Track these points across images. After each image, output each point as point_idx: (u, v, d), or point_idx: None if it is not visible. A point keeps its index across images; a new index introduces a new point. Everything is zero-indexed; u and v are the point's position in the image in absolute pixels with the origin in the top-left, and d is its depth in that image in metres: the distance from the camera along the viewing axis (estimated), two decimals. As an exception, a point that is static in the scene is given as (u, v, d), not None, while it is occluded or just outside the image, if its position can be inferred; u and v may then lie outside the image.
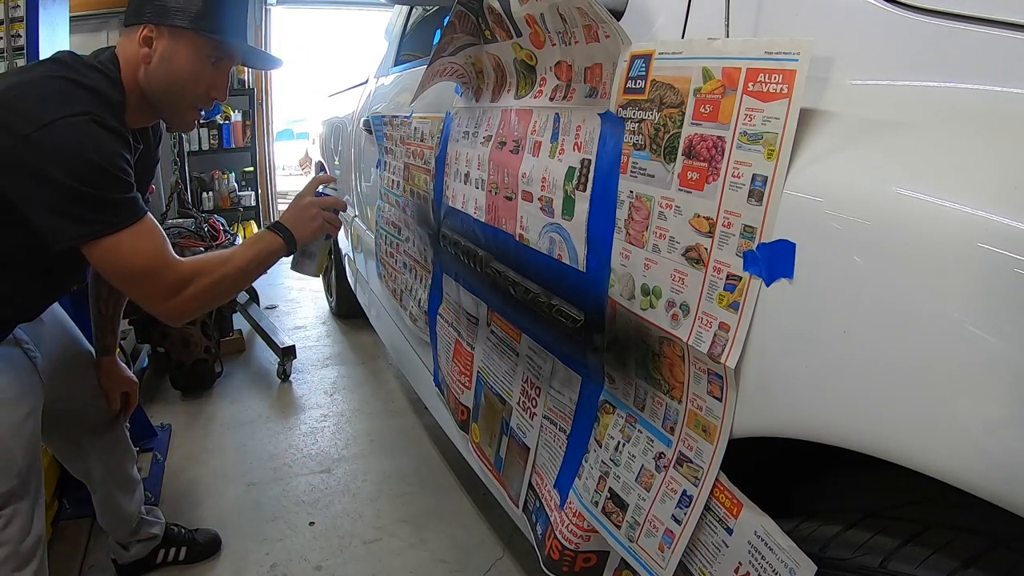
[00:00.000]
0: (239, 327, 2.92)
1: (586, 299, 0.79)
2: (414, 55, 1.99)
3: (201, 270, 1.02)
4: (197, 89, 1.06)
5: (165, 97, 1.05)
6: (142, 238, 0.96)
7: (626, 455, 0.76)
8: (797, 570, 0.56)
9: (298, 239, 1.15)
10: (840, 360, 0.49)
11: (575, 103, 0.82)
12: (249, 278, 1.12)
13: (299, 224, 1.15)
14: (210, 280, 1.03)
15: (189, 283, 1.00)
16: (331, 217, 1.19)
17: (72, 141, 0.88)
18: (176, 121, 1.11)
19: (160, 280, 0.98)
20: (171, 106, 1.07)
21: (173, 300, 1.00)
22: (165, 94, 1.05)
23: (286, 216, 1.17)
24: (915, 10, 0.53)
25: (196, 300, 1.02)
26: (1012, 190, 0.41)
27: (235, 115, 4.24)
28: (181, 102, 1.07)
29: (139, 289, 0.99)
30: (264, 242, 1.12)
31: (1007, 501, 0.40)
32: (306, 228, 1.16)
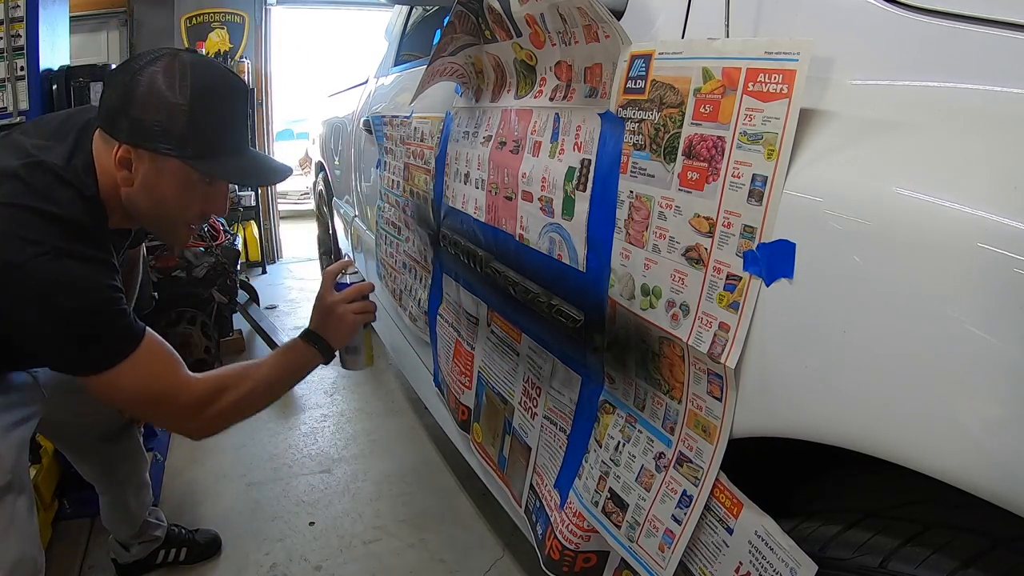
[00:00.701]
0: (239, 327, 2.92)
1: (586, 299, 0.79)
2: (414, 55, 1.99)
3: (224, 386, 0.95)
4: (188, 212, 0.96)
5: (152, 221, 0.97)
6: (145, 366, 0.88)
7: (626, 455, 0.76)
8: (798, 570, 0.56)
9: (335, 343, 1.07)
10: (840, 360, 0.49)
11: (575, 103, 0.82)
12: (280, 391, 1.04)
13: (329, 329, 1.07)
14: (235, 397, 0.96)
15: (211, 402, 0.94)
16: (361, 307, 1.09)
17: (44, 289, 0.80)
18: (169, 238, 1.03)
19: (175, 404, 0.91)
20: (160, 227, 0.99)
21: (195, 421, 0.94)
22: (152, 218, 0.96)
23: (314, 322, 1.08)
24: (915, 10, 0.53)
25: (221, 419, 0.96)
26: (1012, 190, 0.41)
27: (235, 115, 4.23)
28: (171, 224, 0.98)
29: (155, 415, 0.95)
30: (296, 353, 1.04)
31: (1007, 501, 0.40)
32: (338, 331, 1.07)
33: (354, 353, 1.15)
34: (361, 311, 1.09)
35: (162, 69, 0.87)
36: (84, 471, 1.34)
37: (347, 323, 1.07)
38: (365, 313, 1.10)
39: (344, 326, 1.07)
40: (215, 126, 0.91)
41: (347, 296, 1.09)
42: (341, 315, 1.07)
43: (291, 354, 1.05)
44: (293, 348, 1.06)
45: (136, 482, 1.38)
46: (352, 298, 1.09)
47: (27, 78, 2.23)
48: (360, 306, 1.09)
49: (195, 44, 4.17)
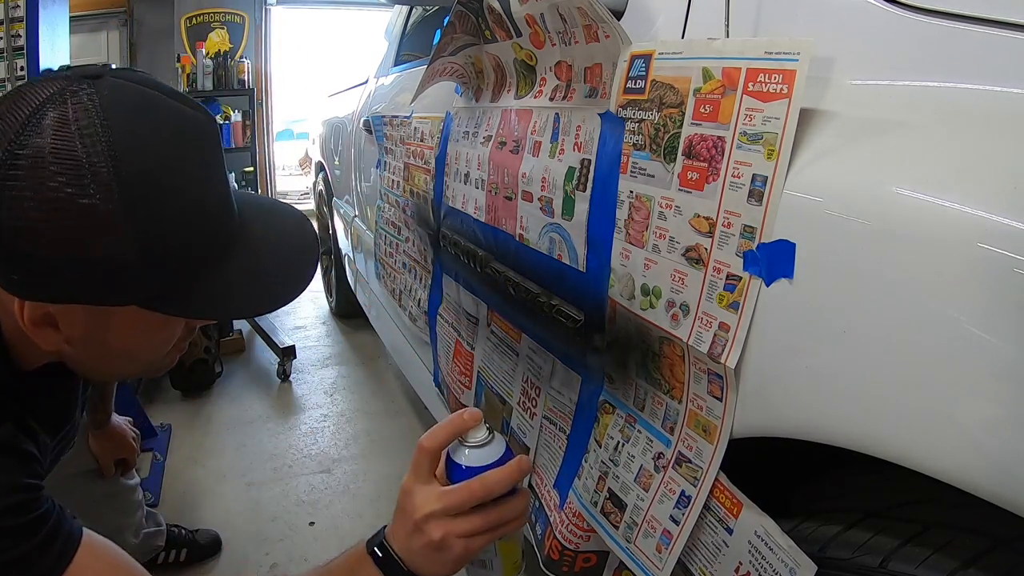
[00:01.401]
0: (239, 327, 2.92)
1: (586, 299, 0.79)
2: (414, 55, 1.99)
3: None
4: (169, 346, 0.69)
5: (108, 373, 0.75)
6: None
7: (625, 455, 0.76)
8: (797, 570, 0.56)
9: None
10: (840, 360, 0.49)
11: (575, 103, 0.82)
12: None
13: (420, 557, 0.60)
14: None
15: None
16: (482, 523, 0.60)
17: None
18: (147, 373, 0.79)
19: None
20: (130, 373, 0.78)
21: None
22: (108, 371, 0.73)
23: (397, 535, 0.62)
24: (915, 10, 0.53)
25: None
26: (1012, 190, 0.41)
27: (235, 115, 4.23)
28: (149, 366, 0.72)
29: None
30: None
31: (1007, 501, 0.40)
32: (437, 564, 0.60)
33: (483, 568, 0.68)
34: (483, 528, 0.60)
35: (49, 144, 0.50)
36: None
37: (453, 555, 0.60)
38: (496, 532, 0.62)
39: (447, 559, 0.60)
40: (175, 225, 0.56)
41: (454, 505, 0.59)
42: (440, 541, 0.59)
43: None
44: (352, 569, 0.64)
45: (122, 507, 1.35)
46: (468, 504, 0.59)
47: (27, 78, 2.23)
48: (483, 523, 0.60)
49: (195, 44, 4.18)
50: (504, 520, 0.61)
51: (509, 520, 0.62)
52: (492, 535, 0.62)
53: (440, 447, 0.62)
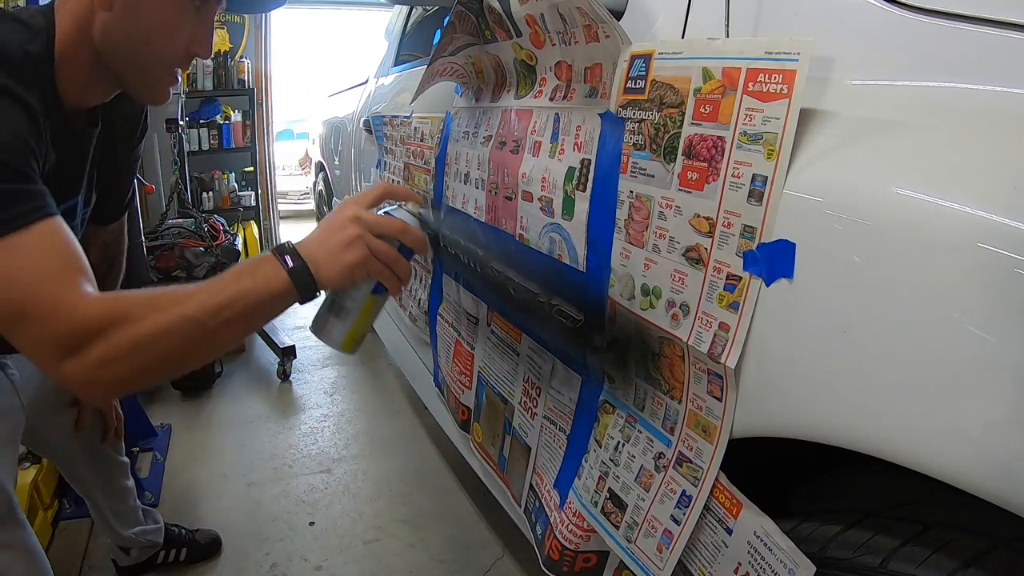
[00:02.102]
0: (239, 327, 2.92)
1: (586, 299, 0.79)
2: (414, 55, 1.99)
3: (121, 315, 0.62)
4: (175, 45, 0.77)
5: (132, 58, 0.77)
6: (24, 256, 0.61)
7: (626, 455, 0.76)
8: (796, 571, 0.56)
9: (321, 278, 0.68)
10: (840, 360, 0.49)
11: (575, 103, 0.82)
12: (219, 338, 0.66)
13: (326, 253, 0.68)
14: (134, 335, 0.61)
15: (94, 336, 0.61)
16: (386, 252, 0.70)
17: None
18: (146, 90, 0.82)
19: (44, 328, 0.61)
20: (140, 69, 0.79)
21: (69, 363, 0.61)
22: (132, 53, 0.77)
23: (312, 234, 0.72)
24: (915, 10, 0.53)
25: (108, 369, 0.61)
26: (1012, 190, 0.41)
27: (235, 115, 4.23)
28: (154, 63, 0.78)
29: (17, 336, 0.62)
30: (254, 279, 0.66)
31: (1007, 501, 0.40)
32: (335, 261, 0.68)
33: (336, 314, 0.74)
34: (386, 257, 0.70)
35: None
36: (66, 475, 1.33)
37: (352, 256, 0.68)
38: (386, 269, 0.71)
39: (346, 258, 0.68)
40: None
41: (379, 224, 0.70)
42: (351, 239, 0.68)
43: (248, 276, 0.66)
44: (255, 267, 0.68)
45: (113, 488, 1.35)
46: (384, 232, 0.70)
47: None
48: (386, 251, 0.70)
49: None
50: (393, 266, 0.72)
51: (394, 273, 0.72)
52: (381, 269, 0.71)
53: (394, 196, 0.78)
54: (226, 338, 0.67)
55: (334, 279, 0.69)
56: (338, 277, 0.69)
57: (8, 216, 0.62)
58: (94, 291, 0.64)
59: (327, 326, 0.75)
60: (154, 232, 2.55)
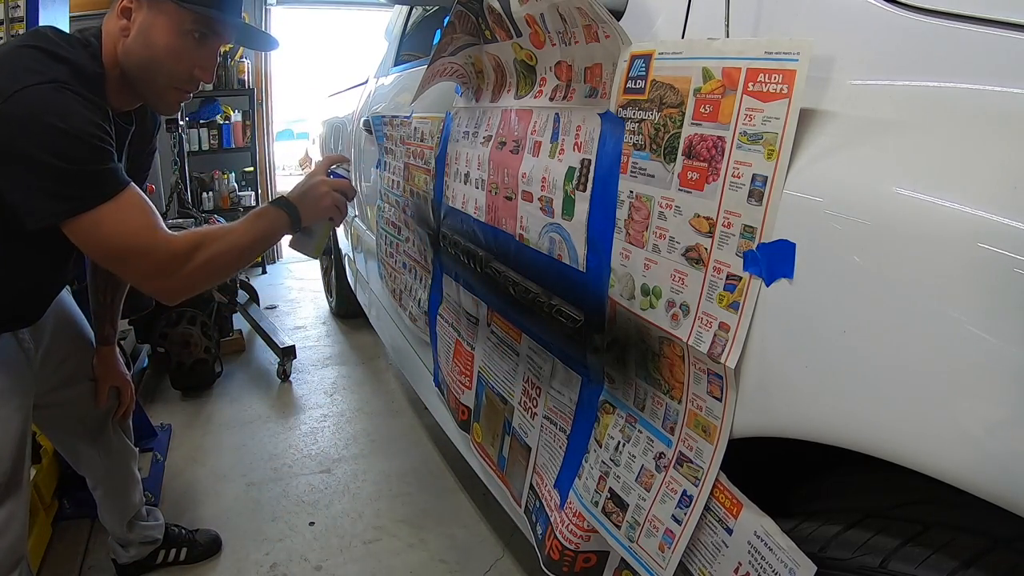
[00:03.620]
0: (239, 327, 2.92)
1: (586, 299, 0.79)
2: (414, 55, 1.99)
3: (198, 244, 0.95)
4: (178, 67, 0.96)
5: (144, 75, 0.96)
6: (126, 213, 0.89)
7: (626, 455, 0.76)
8: (797, 570, 0.56)
9: (304, 218, 1.07)
10: (840, 360, 0.49)
11: (575, 103, 0.82)
12: (250, 255, 1.04)
13: (307, 202, 1.08)
14: (208, 255, 0.95)
15: (186, 260, 0.93)
16: (340, 200, 1.12)
17: (39, 109, 0.82)
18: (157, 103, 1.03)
19: (151, 259, 0.91)
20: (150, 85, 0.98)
21: (170, 280, 0.94)
22: (143, 71, 0.96)
23: (294, 193, 1.09)
24: (915, 10, 0.53)
25: (193, 278, 0.95)
26: (1012, 190, 0.41)
27: (235, 115, 4.23)
28: (161, 81, 0.97)
29: (130, 269, 0.94)
30: (268, 219, 1.04)
31: (1007, 501, 0.40)
32: (314, 207, 1.08)
33: (308, 236, 1.15)
34: (336, 203, 1.11)
35: None
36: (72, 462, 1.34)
37: (323, 205, 1.09)
38: (338, 207, 1.12)
39: (321, 204, 1.09)
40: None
41: (335, 184, 1.10)
42: (322, 195, 1.08)
43: (263, 219, 1.04)
44: (266, 214, 1.05)
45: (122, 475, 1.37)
46: (339, 188, 1.11)
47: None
48: (340, 198, 1.11)
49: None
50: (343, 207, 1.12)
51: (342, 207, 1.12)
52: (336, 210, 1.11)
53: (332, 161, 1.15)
54: (255, 253, 1.05)
55: (314, 217, 1.10)
56: (316, 216, 1.10)
57: (116, 184, 0.89)
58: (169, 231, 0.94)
59: (301, 243, 1.16)
60: (154, 232, 2.54)
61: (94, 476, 1.34)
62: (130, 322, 2.36)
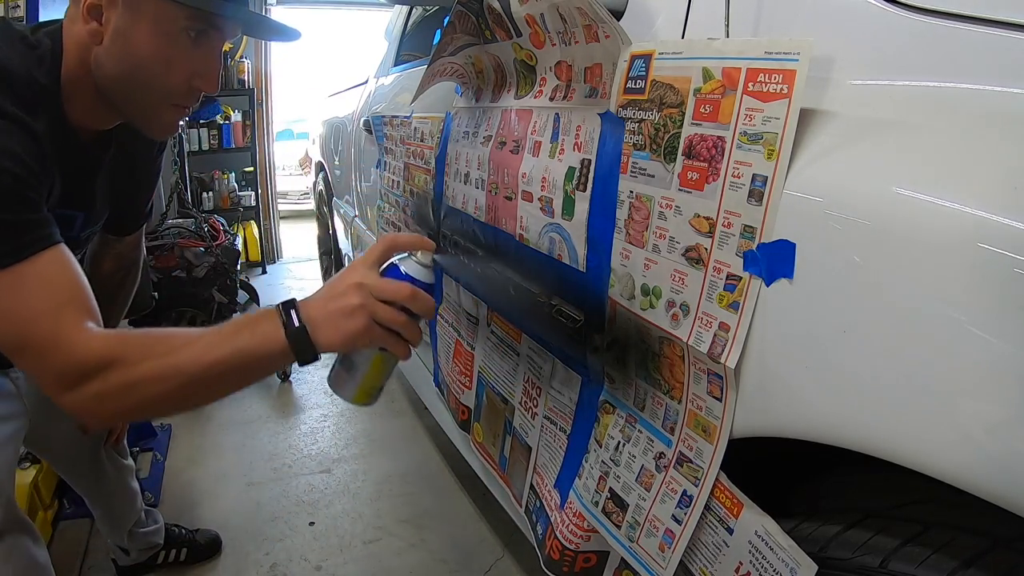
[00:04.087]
0: (239, 327, 2.91)
1: (586, 299, 0.79)
2: (414, 55, 1.99)
3: (117, 358, 0.63)
4: (171, 78, 0.74)
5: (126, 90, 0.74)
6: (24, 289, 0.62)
7: (626, 455, 0.76)
8: (798, 570, 0.56)
9: (321, 343, 0.66)
10: (840, 360, 0.49)
11: (575, 103, 0.82)
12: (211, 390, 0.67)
13: (326, 318, 0.66)
14: (127, 378, 0.63)
15: (92, 376, 0.63)
16: (391, 318, 0.66)
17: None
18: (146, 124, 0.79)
19: (43, 361, 0.63)
20: (136, 103, 0.75)
21: (67, 394, 0.64)
22: (125, 86, 0.74)
23: (315, 296, 0.69)
24: (915, 10, 0.53)
25: (103, 404, 0.64)
26: (1012, 190, 0.41)
27: (235, 115, 4.23)
28: (149, 96, 0.75)
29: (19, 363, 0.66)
30: (254, 336, 0.65)
31: (1007, 501, 0.40)
32: (335, 328, 0.65)
33: (346, 370, 0.73)
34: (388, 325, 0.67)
35: None
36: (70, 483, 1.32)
37: (354, 325, 0.65)
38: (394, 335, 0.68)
39: (348, 327, 0.65)
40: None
41: (384, 289, 0.66)
42: (354, 309, 0.65)
43: (247, 333, 0.65)
44: (255, 323, 0.66)
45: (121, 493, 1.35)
46: (390, 297, 0.66)
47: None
48: (392, 316, 0.66)
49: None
50: (402, 331, 0.68)
51: (403, 338, 0.69)
52: (388, 336, 0.67)
53: (400, 246, 0.70)
54: (219, 390, 0.67)
55: (335, 345, 0.67)
56: (339, 344, 0.67)
57: (10, 248, 0.62)
58: (95, 327, 0.65)
59: (338, 380, 0.75)
60: (154, 232, 2.55)
61: (91, 498, 1.33)
62: (130, 322, 2.36)
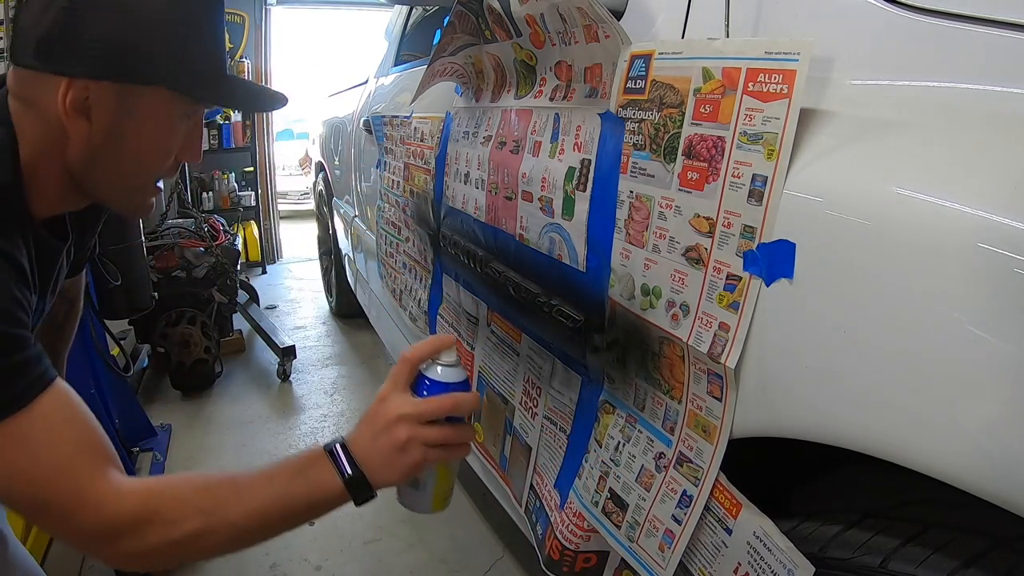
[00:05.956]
0: (239, 327, 2.92)
1: (586, 299, 0.79)
2: (414, 55, 1.99)
3: (155, 514, 0.58)
4: (164, 162, 0.71)
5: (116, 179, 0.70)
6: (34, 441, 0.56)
7: (626, 455, 0.76)
8: (795, 571, 0.56)
9: (376, 483, 0.65)
10: (840, 360, 0.49)
11: (575, 103, 0.82)
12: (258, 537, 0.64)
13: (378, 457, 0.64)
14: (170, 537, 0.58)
15: (127, 533, 0.57)
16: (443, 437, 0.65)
17: None
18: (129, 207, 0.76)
19: (71, 521, 0.57)
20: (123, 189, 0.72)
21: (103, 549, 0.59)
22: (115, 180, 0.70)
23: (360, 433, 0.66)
24: (915, 10, 0.53)
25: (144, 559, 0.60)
26: (1012, 190, 0.41)
27: (235, 115, 4.23)
28: (139, 182, 0.72)
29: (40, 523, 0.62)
30: (308, 484, 0.63)
31: (1007, 501, 0.40)
32: (391, 467, 0.64)
33: (417, 488, 0.71)
34: (443, 443, 0.65)
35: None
36: None
37: (411, 460, 0.64)
38: (449, 449, 0.67)
39: (405, 462, 0.64)
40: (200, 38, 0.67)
41: (427, 413, 0.64)
42: (404, 443, 0.63)
43: (301, 481, 0.63)
44: (307, 469, 0.64)
45: None
46: (438, 415, 0.65)
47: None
48: (442, 436, 0.65)
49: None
50: (457, 440, 0.67)
51: (460, 443, 0.68)
52: (445, 452, 0.66)
53: (420, 360, 0.67)
54: (271, 535, 0.65)
55: (395, 481, 0.66)
56: (399, 479, 0.66)
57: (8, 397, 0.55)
58: (120, 476, 0.60)
59: (409, 499, 0.73)
60: (154, 232, 2.55)
61: None
62: (130, 322, 2.36)
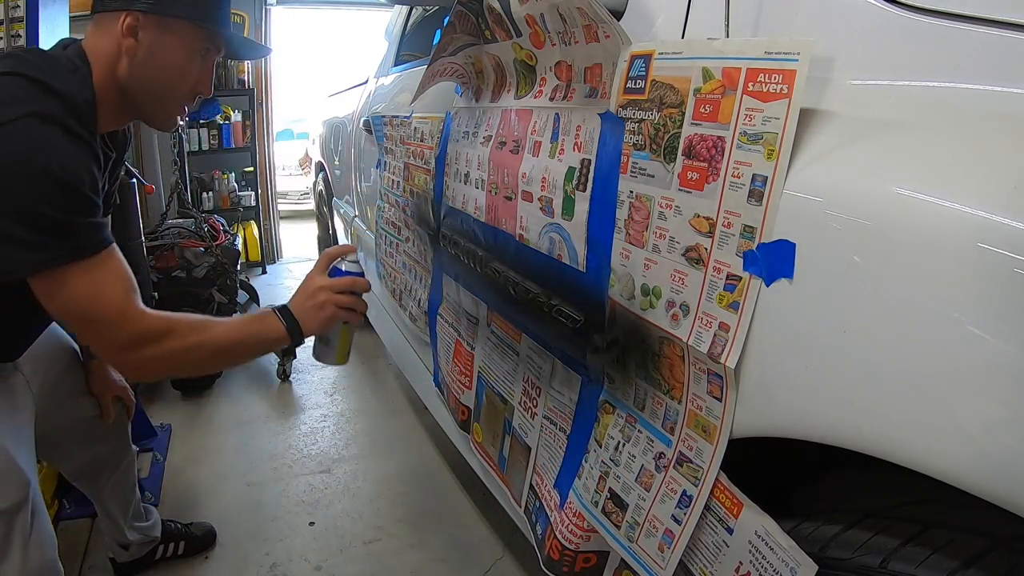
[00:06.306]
0: (239, 327, 2.91)
1: (586, 299, 0.79)
2: (414, 55, 1.99)
3: (171, 330, 0.87)
4: (184, 86, 0.95)
5: (150, 94, 0.93)
6: (101, 276, 0.82)
7: (626, 455, 0.76)
8: (798, 570, 0.56)
9: (306, 330, 0.98)
10: (840, 360, 0.49)
11: (575, 103, 0.82)
12: (233, 358, 1.00)
13: (306, 313, 0.98)
14: (178, 345, 0.87)
15: (151, 342, 0.85)
16: (347, 301, 0.99)
17: (25, 147, 0.74)
18: (161, 120, 0.99)
19: (114, 330, 0.84)
20: (156, 104, 0.95)
21: (129, 356, 0.86)
22: (150, 92, 0.93)
23: (294, 300, 1.00)
24: (915, 10, 0.53)
25: (156, 363, 0.88)
26: (1012, 190, 0.41)
27: (235, 115, 4.23)
28: (167, 99, 0.96)
29: (88, 333, 0.87)
30: (263, 324, 0.96)
31: (1007, 501, 0.40)
32: (313, 319, 0.98)
33: (325, 345, 1.06)
34: (346, 306, 1.00)
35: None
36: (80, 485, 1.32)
37: (325, 314, 0.98)
38: (349, 311, 1.00)
39: (322, 316, 0.98)
40: None
41: (336, 285, 0.99)
42: (322, 303, 0.98)
43: (255, 324, 0.96)
44: (262, 319, 0.97)
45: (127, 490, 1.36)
46: (341, 289, 0.99)
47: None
48: (347, 300, 1.00)
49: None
50: (354, 307, 1.01)
51: (356, 310, 1.01)
52: (347, 315, 1.00)
53: (335, 257, 1.03)
54: (234, 360, 1.04)
55: (315, 329, 1.00)
56: (318, 328, 1.00)
57: (98, 242, 0.82)
58: (144, 306, 0.87)
59: (322, 353, 1.08)
60: (154, 232, 2.55)
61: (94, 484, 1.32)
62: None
